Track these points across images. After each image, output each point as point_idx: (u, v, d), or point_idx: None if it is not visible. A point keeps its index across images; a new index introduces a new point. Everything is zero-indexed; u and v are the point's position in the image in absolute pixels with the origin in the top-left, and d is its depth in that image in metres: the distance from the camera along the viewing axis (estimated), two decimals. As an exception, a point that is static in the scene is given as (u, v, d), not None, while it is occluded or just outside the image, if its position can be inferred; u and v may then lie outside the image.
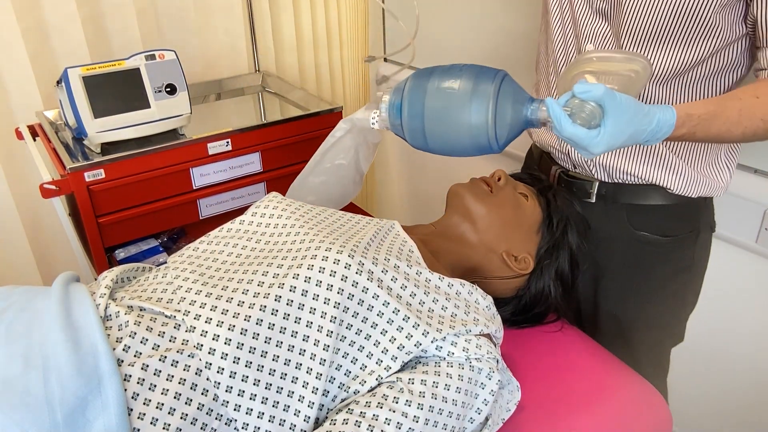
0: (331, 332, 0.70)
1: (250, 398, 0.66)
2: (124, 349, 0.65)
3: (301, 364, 0.69)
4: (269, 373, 0.67)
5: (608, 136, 0.68)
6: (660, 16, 0.82)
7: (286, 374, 0.68)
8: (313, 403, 0.68)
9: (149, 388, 0.63)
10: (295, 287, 0.71)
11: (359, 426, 0.65)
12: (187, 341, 0.67)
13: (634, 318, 1.07)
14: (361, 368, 0.72)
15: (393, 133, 0.78)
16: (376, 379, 0.71)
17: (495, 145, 0.72)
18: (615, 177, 0.97)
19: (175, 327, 0.68)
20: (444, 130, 0.72)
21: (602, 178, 0.99)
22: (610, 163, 0.96)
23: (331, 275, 0.71)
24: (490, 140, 0.72)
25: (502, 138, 0.72)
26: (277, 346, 0.68)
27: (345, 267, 0.72)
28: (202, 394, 0.65)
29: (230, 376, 0.66)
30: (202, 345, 0.66)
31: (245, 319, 0.68)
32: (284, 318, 0.69)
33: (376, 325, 0.73)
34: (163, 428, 0.62)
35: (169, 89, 1.25)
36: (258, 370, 0.67)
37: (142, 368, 0.63)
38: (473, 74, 0.72)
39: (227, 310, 0.69)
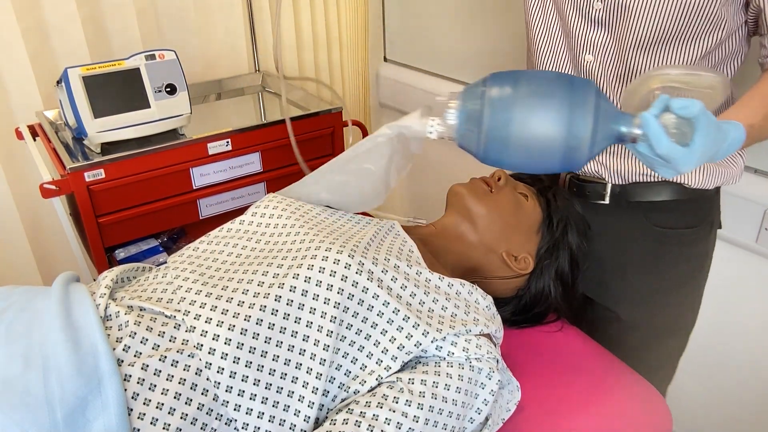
0: (331, 332, 0.70)
1: (250, 398, 0.66)
2: (124, 349, 0.65)
3: (301, 364, 0.69)
4: (269, 373, 0.67)
5: (699, 154, 0.64)
6: (668, 17, 0.80)
7: (286, 374, 0.68)
8: (313, 403, 0.68)
9: (149, 388, 0.63)
10: (295, 287, 0.71)
11: (359, 426, 0.65)
12: (187, 341, 0.67)
13: (650, 322, 1.04)
14: (361, 368, 0.72)
15: (457, 144, 0.70)
16: (376, 379, 0.71)
17: (584, 160, 0.67)
18: (628, 178, 0.95)
19: (175, 327, 0.68)
20: (534, 142, 0.65)
21: (615, 181, 0.96)
22: (623, 166, 0.94)
23: (331, 275, 0.71)
24: (583, 155, 0.66)
25: (595, 153, 0.66)
26: (277, 346, 0.68)
27: (345, 267, 0.72)
28: (202, 394, 0.65)
29: (230, 376, 0.66)
30: (202, 345, 0.66)
31: (245, 319, 0.68)
32: (284, 318, 0.69)
33: (376, 325, 0.73)
34: (163, 428, 0.62)
35: (169, 89, 1.25)
36: (258, 370, 0.67)
37: (142, 368, 0.63)
38: (568, 83, 0.67)
39: (227, 310, 0.69)
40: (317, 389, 0.68)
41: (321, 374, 0.69)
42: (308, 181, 0.91)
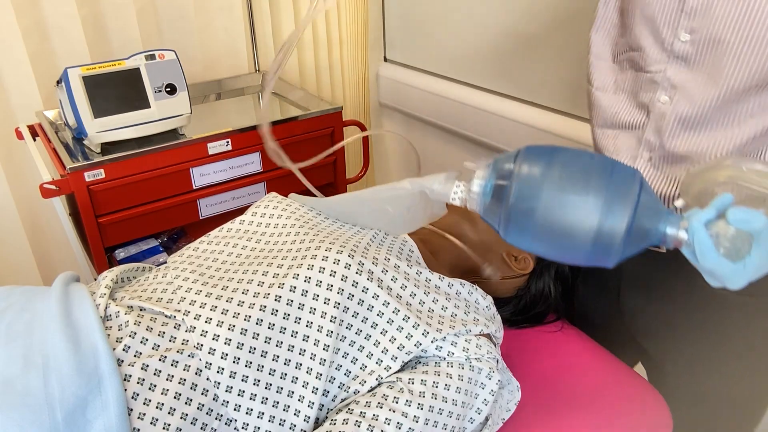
0: (331, 332, 0.70)
1: (250, 398, 0.66)
2: (124, 349, 0.65)
3: (301, 364, 0.69)
4: (269, 373, 0.67)
5: (753, 271, 0.55)
6: None
7: (286, 374, 0.68)
8: (313, 403, 0.68)
9: (149, 388, 0.63)
10: (295, 287, 0.71)
11: (359, 426, 0.65)
12: (187, 341, 0.67)
13: (696, 390, 0.91)
14: (361, 368, 0.72)
15: (480, 215, 0.64)
16: (376, 379, 0.71)
17: (614, 260, 0.58)
18: None
19: (175, 327, 0.68)
20: (559, 232, 0.58)
21: None
22: None
23: (331, 275, 0.71)
24: (614, 255, 0.57)
25: (628, 253, 0.58)
26: (277, 346, 0.68)
27: (345, 267, 0.72)
28: (202, 394, 0.65)
29: (230, 376, 0.66)
30: (202, 345, 0.66)
31: (245, 319, 0.68)
32: (284, 318, 0.69)
33: (376, 325, 0.73)
34: (163, 428, 0.62)
35: (169, 89, 1.25)
36: (258, 370, 0.67)
37: (142, 368, 0.63)
38: (609, 170, 0.58)
39: (227, 310, 0.69)
40: (317, 389, 0.68)
41: (321, 374, 0.69)
42: (320, 205, 0.88)
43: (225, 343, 0.66)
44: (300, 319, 0.70)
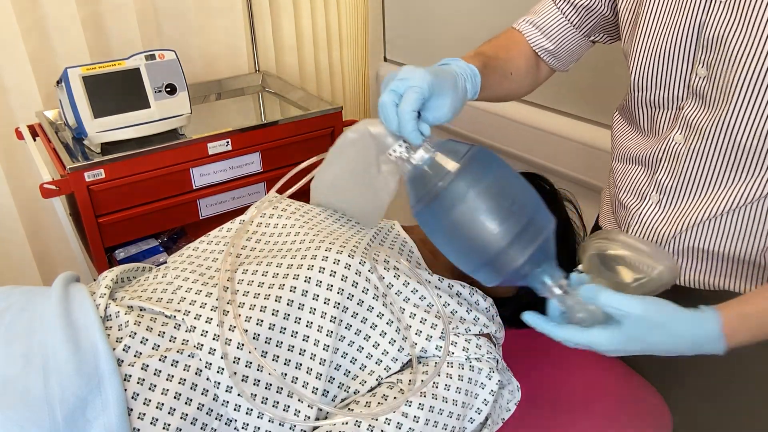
0: (331, 332, 0.70)
1: (250, 398, 0.66)
2: (124, 349, 0.65)
3: (301, 364, 0.69)
4: (269, 373, 0.67)
5: (620, 344, 0.56)
6: None
7: (286, 374, 0.68)
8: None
9: (149, 388, 0.63)
10: (295, 287, 0.71)
11: (359, 426, 0.65)
12: (187, 341, 0.67)
13: None
14: (360, 368, 0.72)
15: (404, 180, 0.64)
16: (376, 380, 0.71)
17: (494, 283, 0.61)
18: (705, 286, 0.79)
19: (175, 327, 0.68)
20: (467, 237, 0.59)
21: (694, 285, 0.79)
22: (693, 278, 0.79)
23: (331, 275, 0.71)
24: (497, 278, 0.61)
25: (506, 282, 0.61)
26: (277, 345, 0.68)
27: (345, 267, 0.72)
28: (202, 394, 0.65)
29: (230, 376, 0.65)
30: (202, 345, 0.66)
31: (245, 319, 0.68)
32: (284, 318, 0.69)
33: (376, 326, 0.73)
34: (163, 428, 0.62)
35: (169, 89, 1.25)
36: (258, 369, 0.67)
37: (142, 368, 0.63)
38: (534, 207, 0.61)
39: (227, 310, 0.69)
40: (317, 389, 0.68)
41: (321, 374, 0.69)
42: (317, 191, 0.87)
43: (225, 343, 0.66)
44: (300, 318, 0.70)
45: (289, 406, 0.68)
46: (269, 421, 0.66)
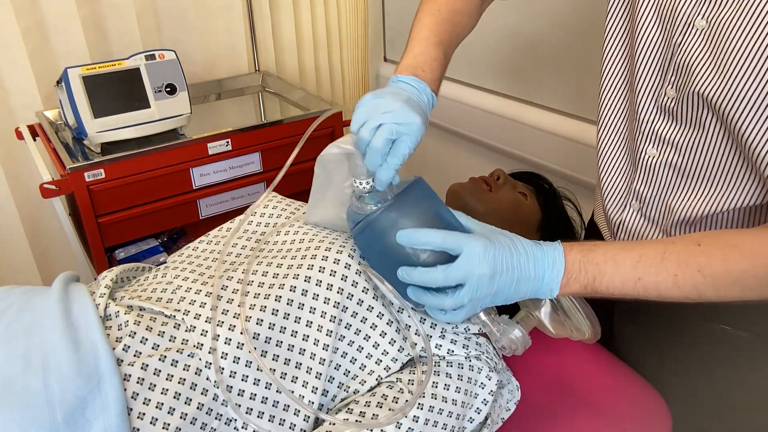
0: (331, 332, 0.70)
1: (250, 398, 0.66)
2: (123, 349, 0.65)
3: (301, 364, 0.69)
4: (271, 370, 0.67)
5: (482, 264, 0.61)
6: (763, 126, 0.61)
7: (285, 373, 0.68)
8: (313, 403, 0.68)
9: (149, 388, 0.63)
10: (295, 287, 0.71)
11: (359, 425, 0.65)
12: (187, 341, 0.67)
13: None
14: (360, 368, 0.72)
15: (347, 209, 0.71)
16: (376, 379, 0.71)
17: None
18: None
19: (174, 326, 0.68)
20: (388, 262, 0.67)
21: None
22: None
23: (331, 275, 0.71)
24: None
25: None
26: (277, 345, 0.68)
27: (345, 267, 0.72)
28: (202, 393, 0.65)
29: (230, 376, 0.66)
30: (202, 344, 0.66)
31: (245, 319, 0.68)
32: (284, 317, 0.69)
33: (376, 326, 0.73)
34: (163, 428, 0.62)
35: (169, 89, 1.25)
36: (258, 369, 0.67)
37: (141, 368, 0.63)
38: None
39: (227, 310, 0.69)
40: (317, 389, 0.68)
41: (321, 374, 0.69)
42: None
43: (225, 343, 0.66)
44: (300, 318, 0.70)
45: (289, 406, 0.68)
46: (269, 420, 0.66)
